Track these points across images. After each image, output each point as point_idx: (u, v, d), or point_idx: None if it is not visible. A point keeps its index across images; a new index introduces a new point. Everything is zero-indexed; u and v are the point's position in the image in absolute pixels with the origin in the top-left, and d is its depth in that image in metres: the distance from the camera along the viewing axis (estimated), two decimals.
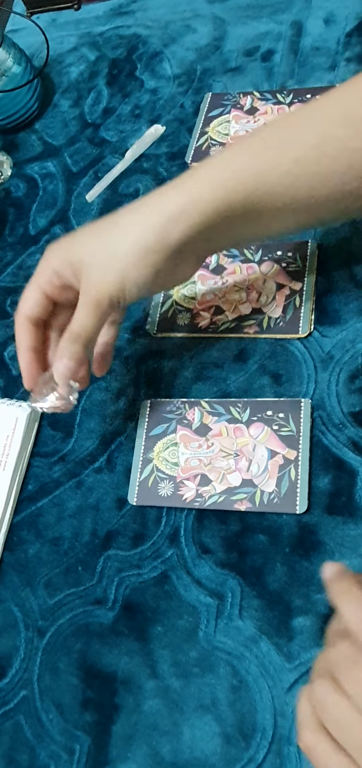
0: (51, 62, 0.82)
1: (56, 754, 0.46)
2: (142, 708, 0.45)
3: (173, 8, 0.81)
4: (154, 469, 0.53)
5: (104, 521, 0.52)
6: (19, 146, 0.78)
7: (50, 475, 0.56)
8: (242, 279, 0.58)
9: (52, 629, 0.50)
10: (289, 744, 0.42)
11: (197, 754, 0.43)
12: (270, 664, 0.44)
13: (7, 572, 0.53)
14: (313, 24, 0.72)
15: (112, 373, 0.58)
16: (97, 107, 0.77)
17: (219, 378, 0.55)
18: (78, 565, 0.51)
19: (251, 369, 0.55)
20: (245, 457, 0.51)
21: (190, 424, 0.53)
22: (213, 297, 0.59)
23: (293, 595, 0.46)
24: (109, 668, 0.47)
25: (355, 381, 0.51)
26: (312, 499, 0.48)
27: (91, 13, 0.86)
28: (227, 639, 0.46)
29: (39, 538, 0.53)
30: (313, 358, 0.53)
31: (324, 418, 0.51)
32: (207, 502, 0.50)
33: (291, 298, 0.56)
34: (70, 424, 0.57)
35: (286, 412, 0.51)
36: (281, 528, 0.48)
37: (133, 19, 0.83)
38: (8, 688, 0.49)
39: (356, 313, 0.54)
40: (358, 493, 0.47)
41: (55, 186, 0.73)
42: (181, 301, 0.60)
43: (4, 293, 0.67)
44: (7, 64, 0.73)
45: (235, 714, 0.44)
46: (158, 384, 0.57)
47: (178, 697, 0.45)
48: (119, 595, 0.49)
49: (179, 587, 0.48)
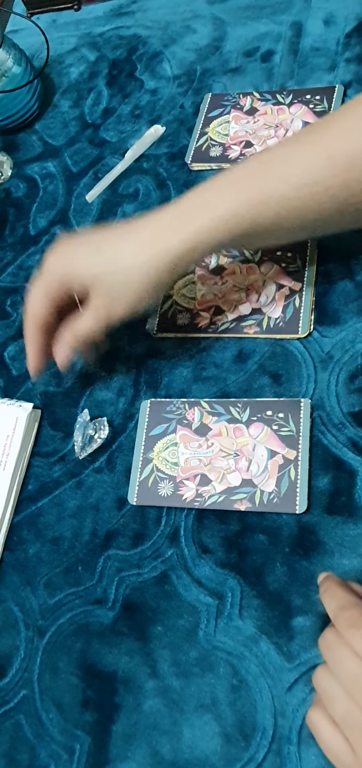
0: (51, 63, 0.82)
1: (56, 753, 0.46)
2: (142, 707, 0.45)
3: (173, 9, 0.81)
4: (153, 469, 0.53)
5: (104, 521, 0.52)
6: (20, 146, 0.78)
7: (50, 475, 0.56)
8: (242, 279, 0.58)
9: (52, 629, 0.50)
10: (289, 743, 0.42)
11: (197, 753, 0.43)
12: (270, 663, 0.44)
13: (7, 572, 0.53)
14: (313, 25, 0.72)
15: (112, 373, 0.58)
16: (97, 108, 0.77)
17: (219, 378, 0.55)
18: (78, 565, 0.51)
19: (251, 369, 0.55)
20: (245, 457, 0.51)
21: (190, 424, 0.53)
22: (213, 297, 0.59)
23: (293, 594, 0.46)
24: (109, 668, 0.47)
25: (355, 381, 0.51)
26: (312, 499, 0.48)
27: (91, 13, 0.86)
28: (227, 639, 0.46)
29: (39, 538, 0.53)
30: (313, 358, 0.53)
31: (324, 418, 0.51)
32: (207, 502, 0.50)
33: (291, 298, 0.56)
34: (70, 424, 0.57)
35: (286, 412, 0.51)
36: (281, 528, 0.48)
37: (133, 20, 0.83)
38: (8, 687, 0.49)
39: (355, 314, 0.54)
40: (358, 493, 0.48)
41: (55, 186, 0.73)
42: (180, 301, 0.60)
43: (4, 293, 0.67)
44: (8, 64, 0.73)
45: (235, 714, 0.44)
46: (158, 384, 0.57)
47: (178, 696, 0.45)
48: (119, 594, 0.49)
49: (179, 587, 0.48)
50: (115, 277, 0.49)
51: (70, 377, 0.60)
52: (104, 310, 0.50)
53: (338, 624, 0.38)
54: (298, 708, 0.43)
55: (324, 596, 0.40)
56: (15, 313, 0.65)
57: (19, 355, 0.63)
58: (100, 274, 0.49)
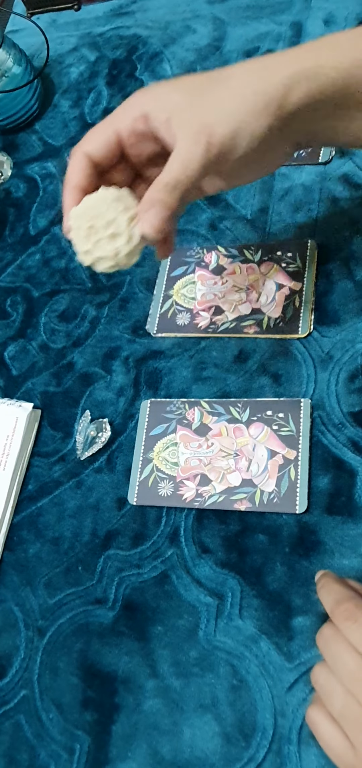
0: (51, 63, 0.82)
1: (56, 753, 0.46)
2: (142, 707, 0.45)
3: (173, 9, 0.81)
4: (153, 469, 0.53)
5: (104, 521, 0.52)
6: (20, 146, 0.78)
7: (50, 475, 0.56)
8: (242, 279, 0.58)
9: (52, 629, 0.50)
10: (289, 743, 0.42)
11: (197, 753, 0.43)
12: (270, 663, 0.44)
13: (7, 572, 0.53)
14: (313, 25, 0.72)
15: (112, 373, 0.58)
16: (97, 108, 0.77)
17: (219, 378, 0.55)
18: (78, 565, 0.51)
19: (251, 369, 0.55)
20: (245, 456, 0.51)
21: (190, 424, 0.53)
22: (213, 297, 0.59)
23: (293, 594, 0.46)
24: (109, 668, 0.47)
25: (355, 381, 0.51)
26: (312, 498, 0.48)
27: (91, 13, 0.86)
28: (227, 639, 0.46)
29: (39, 538, 0.53)
30: (313, 358, 0.53)
31: (324, 418, 0.51)
32: (207, 501, 0.50)
33: (291, 299, 0.56)
34: (70, 424, 0.57)
35: (286, 412, 0.51)
36: (281, 528, 0.48)
37: (133, 20, 0.83)
38: (8, 687, 0.49)
39: (355, 313, 0.54)
40: (358, 493, 0.48)
41: (55, 186, 0.73)
42: (180, 301, 0.60)
43: (4, 293, 0.67)
44: (8, 64, 0.73)
45: (235, 713, 0.44)
46: (158, 384, 0.57)
47: (178, 696, 0.45)
48: (119, 594, 0.49)
49: (179, 587, 0.48)
50: (211, 93, 0.41)
51: (70, 377, 0.60)
52: (203, 130, 0.40)
53: (335, 618, 0.38)
54: (298, 708, 0.43)
55: (321, 592, 0.40)
56: (15, 313, 0.65)
57: (19, 355, 0.63)
58: (192, 97, 0.41)
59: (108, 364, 0.59)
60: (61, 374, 0.60)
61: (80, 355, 0.60)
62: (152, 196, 0.40)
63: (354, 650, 0.36)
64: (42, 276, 0.66)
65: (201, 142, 0.40)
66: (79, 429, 0.56)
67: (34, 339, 0.63)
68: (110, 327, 0.61)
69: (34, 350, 0.62)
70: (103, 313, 0.62)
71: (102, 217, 0.41)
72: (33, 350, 0.62)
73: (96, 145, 0.43)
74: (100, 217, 0.41)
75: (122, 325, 0.61)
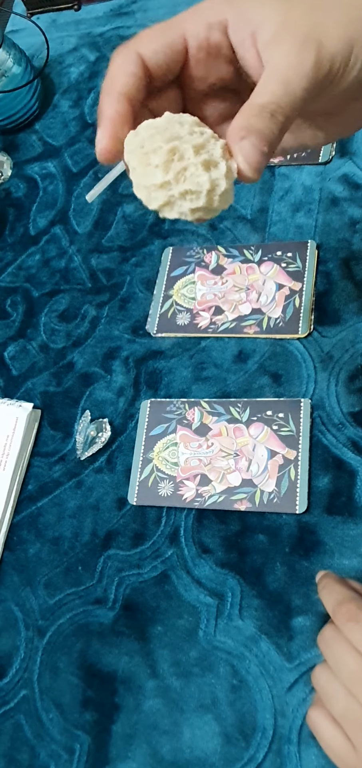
0: (51, 63, 0.82)
1: (56, 753, 0.46)
2: (142, 707, 0.45)
3: (173, 9, 0.81)
4: (153, 469, 0.53)
5: (104, 521, 0.52)
6: (19, 146, 0.78)
7: (50, 475, 0.56)
8: (242, 279, 0.58)
9: (52, 629, 0.50)
10: (289, 743, 0.42)
11: (197, 753, 0.43)
12: (270, 663, 0.44)
13: (7, 572, 0.53)
14: None
15: (112, 373, 0.58)
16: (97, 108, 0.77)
17: (219, 378, 0.55)
18: (78, 565, 0.51)
19: (251, 369, 0.55)
20: (245, 456, 0.51)
21: (190, 424, 0.53)
22: (213, 297, 0.59)
23: (293, 594, 0.46)
24: (109, 668, 0.47)
25: (355, 381, 0.51)
26: (312, 498, 0.48)
27: (91, 13, 0.86)
28: (227, 639, 0.46)
29: (39, 538, 0.53)
30: (313, 358, 0.53)
31: (324, 418, 0.51)
32: (207, 501, 0.50)
33: (291, 298, 0.56)
34: (70, 424, 0.57)
35: (286, 412, 0.51)
36: (281, 528, 0.48)
37: (133, 20, 0.83)
38: (8, 687, 0.49)
39: (355, 313, 0.54)
40: (358, 492, 0.48)
41: (55, 186, 0.73)
42: (180, 301, 0.60)
43: (4, 293, 0.67)
44: (8, 64, 0.73)
45: (235, 713, 0.44)
46: (158, 384, 0.57)
47: (178, 696, 0.45)
48: (119, 594, 0.49)
49: (179, 587, 0.48)
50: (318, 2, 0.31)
51: (70, 377, 0.60)
52: (309, 43, 0.30)
53: (336, 619, 0.38)
54: (298, 708, 0.43)
55: (323, 593, 0.40)
56: (15, 313, 0.65)
57: (19, 355, 0.63)
58: (293, 4, 0.31)
59: (108, 364, 0.59)
60: (61, 374, 0.60)
61: (80, 355, 0.60)
62: (245, 122, 0.30)
63: (355, 651, 0.36)
64: (42, 276, 0.66)
65: (307, 56, 0.30)
66: (79, 429, 0.56)
67: (34, 339, 0.63)
68: (110, 327, 0.61)
69: (34, 350, 0.62)
70: (103, 313, 0.62)
71: (186, 141, 0.29)
72: (33, 350, 0.62)
73: (155, 47, 0.32)
74: (183, 141, 0.29)
75: (122, 325, 0.61)
